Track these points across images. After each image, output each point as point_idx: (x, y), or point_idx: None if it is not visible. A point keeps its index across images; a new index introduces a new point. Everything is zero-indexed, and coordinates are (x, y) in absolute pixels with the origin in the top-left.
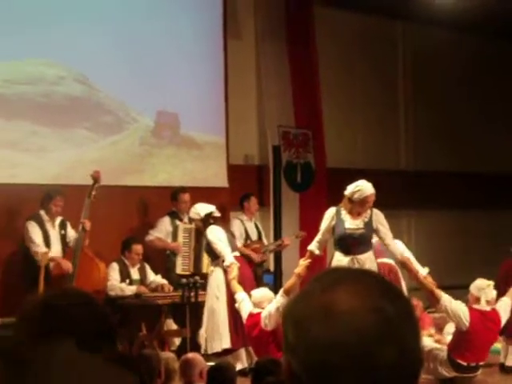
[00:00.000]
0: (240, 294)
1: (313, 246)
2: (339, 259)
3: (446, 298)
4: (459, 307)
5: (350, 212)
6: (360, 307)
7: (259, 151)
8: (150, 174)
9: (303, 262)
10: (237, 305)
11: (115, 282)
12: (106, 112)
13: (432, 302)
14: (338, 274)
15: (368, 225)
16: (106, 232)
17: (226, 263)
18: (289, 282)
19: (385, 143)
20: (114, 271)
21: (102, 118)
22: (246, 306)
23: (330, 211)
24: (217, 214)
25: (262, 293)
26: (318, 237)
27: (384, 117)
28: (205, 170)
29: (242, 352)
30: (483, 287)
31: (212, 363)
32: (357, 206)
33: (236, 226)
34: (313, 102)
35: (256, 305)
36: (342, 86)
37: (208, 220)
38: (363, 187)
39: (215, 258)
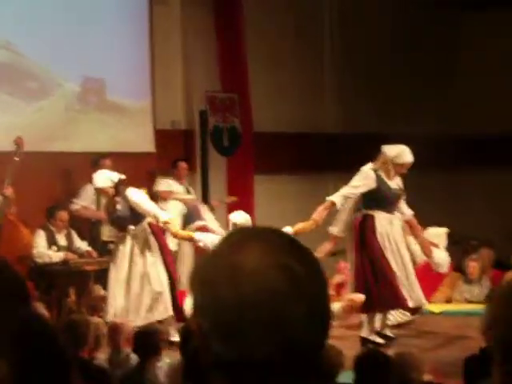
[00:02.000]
0: (197, 234)
1: (337, 198)
2: (384, 217)
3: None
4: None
5: (388, 174)
6: (268, 265)
7: (186, 116)
8: (76, 140)
9: (321, 208)
10: (201, 243)
11: (42, 249)
12: (31, 78)
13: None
14: (246, 233)
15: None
16: (31, 199)
17: (164, 219)
18: (302, 224)
19: (311, 106)
20: (41, 238)
21: (27, 83)
22: (212, 237)
23: (371, 173)
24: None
25: (244, 217)
26: (348, 191)
27: (311, 78)
28: (131, 136)
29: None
30: (440, 234)
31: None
32: (397, 168)
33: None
34: (239, 66)
35: None
36: (268, 49)
37: (121, 184)
38: (406, 151)
39: (124, 228)
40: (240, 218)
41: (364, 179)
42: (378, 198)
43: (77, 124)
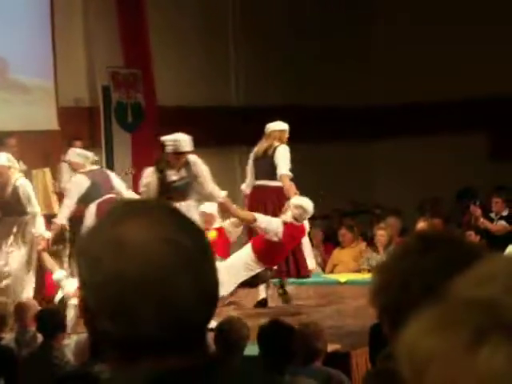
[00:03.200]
0: (259, 216)
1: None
2: None
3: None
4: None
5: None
6: (152, 238)
7: (89, 93)
8: None
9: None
10: (263, 226)
11: None
12: None
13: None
14: (130, 207)
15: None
16: None
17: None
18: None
19: (215, 80)
20: None
21: None
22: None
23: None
24: None
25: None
26: None
27: (214, 52)
28: (35, 114)
29: None
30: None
31: None
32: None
33: (65, 170)
34: (141, 40)
35: None
36: (171, 23)
37: None
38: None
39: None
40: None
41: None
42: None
43: None
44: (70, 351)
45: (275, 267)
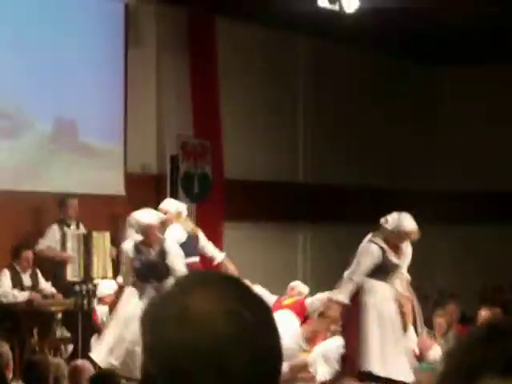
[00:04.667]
0: None
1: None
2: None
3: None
4: None
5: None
6: (215, 310)
7: (157, 160)
8: (46, 181)
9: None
10: None
11: (7, 289)
12: (4, 117)
13: None
14: (199, 277)
15: None
16: None
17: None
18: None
19: (283, 156)
20: (6, 277)
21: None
22: None
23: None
24: None
25: None
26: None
27: (284, 130)
28: (102, 178)
29: None
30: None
31: None
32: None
33: (131, 234)
34: (212, 112)
35: None
36: (242, 98)
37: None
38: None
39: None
40: None
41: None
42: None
43: (48, 164)
44: None
45: None
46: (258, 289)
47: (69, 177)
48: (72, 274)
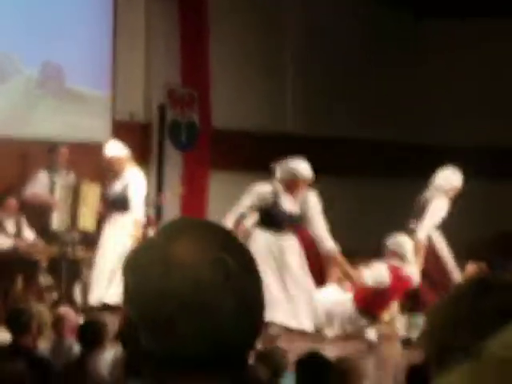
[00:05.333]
0: None
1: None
2: None
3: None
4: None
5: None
6: (200, 258)
7: (145, 108)
8: (33, 127)
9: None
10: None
11: None
12: None
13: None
14: (183, 224)
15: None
16: None
17: None
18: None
19: (272, 105)
20: None
21: None
22: None
23: None
24: None
25: None
26: None
27: (273, 79)
28: (89, 125)
29: None
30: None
31: None
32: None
33: None
34: (201, 61)
35: None
36: (231, 47)
37: None
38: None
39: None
40: None
41: None
42: None
43: (34, 109)
44: (106, 366)
45: None
46: None
47: (55, 123)
48: (58, 223)
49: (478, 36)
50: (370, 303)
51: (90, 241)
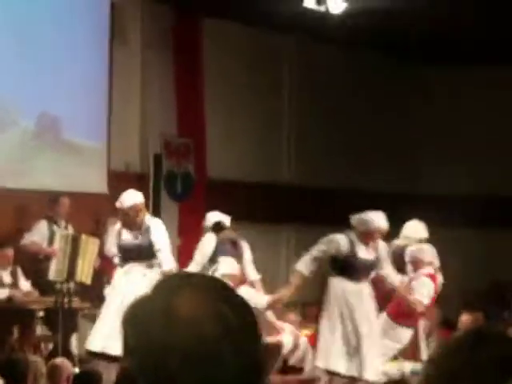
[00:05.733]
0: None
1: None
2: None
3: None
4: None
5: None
6: (202, 312)
7: (140, 159)
8: (29, 178)
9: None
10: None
11: None
12: None
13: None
14: (182, 278)
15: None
16: None
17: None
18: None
19: (267, 156)
20: None
21: None
22: None
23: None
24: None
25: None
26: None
27: (268, 130)
28: (85, 176)
29: None
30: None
31: None
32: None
33: (112, 233)
34: (196, 111)
35: None
36: (228, 97)
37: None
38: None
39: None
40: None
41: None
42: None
43: (30, 162)
44: None
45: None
46: (246, 290)
47: (51, 174)
48: (55, 273)
49: (486, 83)
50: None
51: (86, 292)
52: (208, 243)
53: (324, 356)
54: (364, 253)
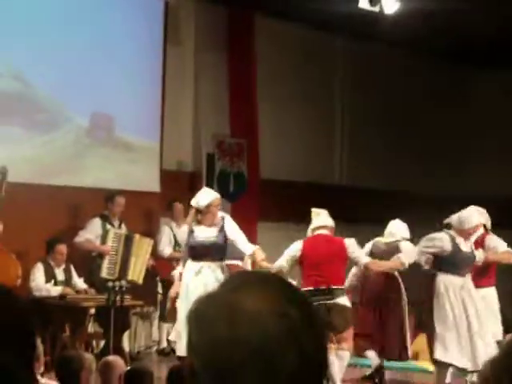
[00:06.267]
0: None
1: None
2: None
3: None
4: None
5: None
6: (265, 310)
7: (193, 158)
8: (83, 175)
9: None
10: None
11: (41, 283)
12: (41, 110)
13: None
14: (247, 276)
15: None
16: (34, 231)
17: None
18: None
19: (320, 157)
20: (39, 271)
21: (37, 116)
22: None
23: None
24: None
25: None
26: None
27: (321, 131)
28: (137, 174)
29: None
30: None
31: None
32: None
33: (165, 233)
34: (249, 112)
35: None
36: (280, 97)
37: None
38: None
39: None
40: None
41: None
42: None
43: (84, 159)
44: None
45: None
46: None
47: (104, 172)
48: (107, 271)
49: None
50: None
51: (138, 290)
52: None
53: (442, 349)
54: (465, 247)
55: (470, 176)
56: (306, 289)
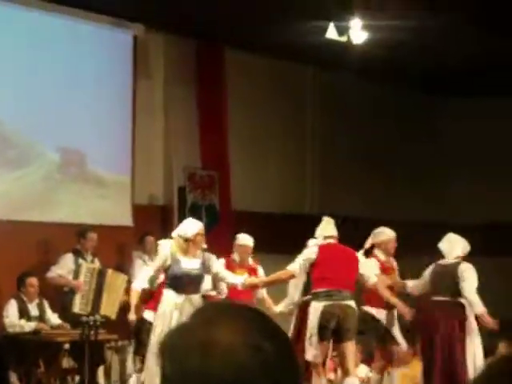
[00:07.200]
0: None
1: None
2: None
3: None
4: None
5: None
6: (238, 342)
7: (164, 191)
8: (54, 211)
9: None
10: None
11: (14, 319)
12: (11, 146)
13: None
14: (219, 308)
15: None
16: (4, 268)
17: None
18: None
19: (291, 187)
20: (12, 307)
21: (7, 152)
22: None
23: None
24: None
25: None
26: None
27: (291, 162)
28: (109, 209)
29: None
30: None
31: None
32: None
33: (138, 266)
34: (220, 144)
35: None
36: (251, 128)
37: None
38: None
39: None
40: None
41: None
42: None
43: (55, 194)
44: None
45: None
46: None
47: (76, 207)
48: (79, 306)
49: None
50: None
51: (112, 325)
52: None
53: None
54: None
55: (443, 203)
56: (319, 290)
